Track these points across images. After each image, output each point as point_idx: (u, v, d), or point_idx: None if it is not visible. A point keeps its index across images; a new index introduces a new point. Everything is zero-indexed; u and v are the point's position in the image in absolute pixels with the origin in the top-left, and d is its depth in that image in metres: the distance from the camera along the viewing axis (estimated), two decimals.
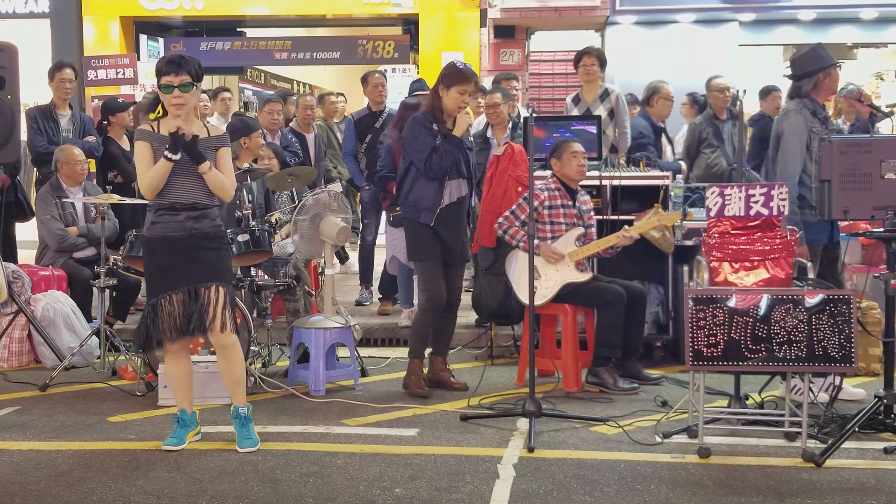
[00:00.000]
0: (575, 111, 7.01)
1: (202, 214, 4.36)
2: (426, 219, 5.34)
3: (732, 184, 4.70)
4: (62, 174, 6.85)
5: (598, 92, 7.03)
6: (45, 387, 5.57)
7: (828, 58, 5.25)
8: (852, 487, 3.88)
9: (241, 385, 4.47)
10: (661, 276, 6.29)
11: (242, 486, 3.89)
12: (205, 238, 4.34)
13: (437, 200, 5.33)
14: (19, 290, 6.23)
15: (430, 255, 5.41)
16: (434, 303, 5.41)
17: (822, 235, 5.25)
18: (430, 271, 5.42)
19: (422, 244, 5.42)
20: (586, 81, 7.06)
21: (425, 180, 5.33)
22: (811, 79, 5.24)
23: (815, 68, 5.22)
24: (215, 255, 4.39)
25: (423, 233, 5.38)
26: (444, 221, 5.36)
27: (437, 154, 5.24)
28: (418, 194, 5.36)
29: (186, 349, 4.50)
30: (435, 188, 5.33)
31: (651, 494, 3.80)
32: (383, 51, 12.77)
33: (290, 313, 6.22)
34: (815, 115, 5.22)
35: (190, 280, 4.31)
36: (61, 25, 12.45)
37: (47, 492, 3.85)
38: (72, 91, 7.65)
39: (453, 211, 5.40)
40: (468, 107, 5.59)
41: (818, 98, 5.27)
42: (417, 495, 3.79)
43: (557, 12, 11.92)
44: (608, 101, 7.02)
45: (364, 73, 7.86)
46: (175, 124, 4.23)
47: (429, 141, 5.27)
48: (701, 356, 4.18)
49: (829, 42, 12.09)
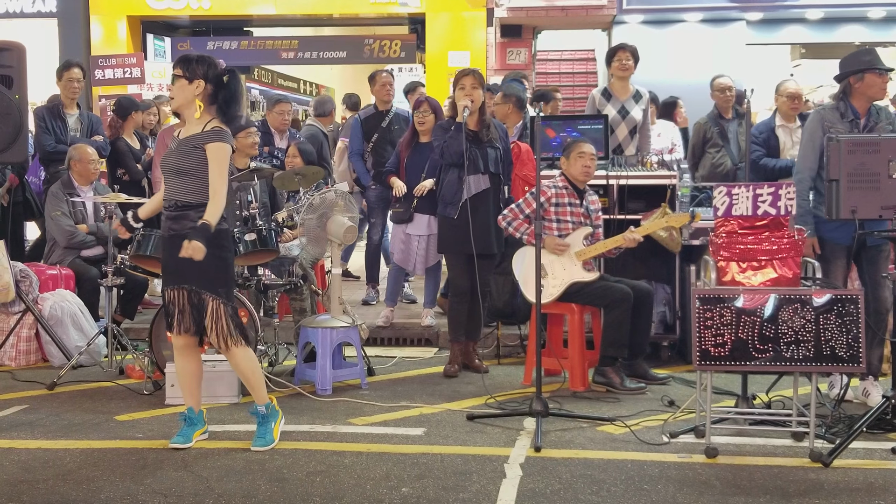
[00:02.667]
0: (608, 107, 6.74)
1: (181, 215, 4.34)
2: (450, 212, 5.79)
3: (740, 183, 4.69)
4: (74, 172, 6.87)
5: (631, 91, 6.81)
6: (52, 385, 5.58)
7: (865, 62, 5.09)
8: (860, 488, 3.87)
9: (252, 385, 4.50)
10: (668, 275, 6.28)
11: (249, 485, 3.90)
12: (183, 239, 4.22)
13: (458, 195, 5.74)
14: (27, 289, 6.25)
15: (454, 248, 5.85)
16: (456, 292, 5.91)
17: (841, 234, 5.05)
18: (453, 263, 5.93)
19: (447, 236, 5.89)
20: (619, 77, 6.79)
21: (449, 176, 5.80)
22: (845, 82, 5.17)
23: (846, 72, 5.14)
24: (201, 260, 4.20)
25: (448, 225, 5.84)
26: (466, 214, 5.69)
27: (447, 141, 5.70)
28: (444, 190, 5.86)
29: (193, 346, 4.50)
30: (456, 183, 5.75)
31: (658, 494, 3.79)
32: (390, 50, 12.78)
33: (297, 312, 6.22)
34: (843, 117, 5.12)
35: (182, 279, 4.34)
36: (69, 25, 12.47)
37: (55, 490, 3.86)
38: (80, 90, 7.68)
39: (476, 204, 5.75)
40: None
41: (854, 101, 5.13)
42: (424, 494, 3.80)
43: (564, 11, 11.90)
44: (642, 103, 6.82)
45: (371, 72, 7.85)
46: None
47: (444, 135, 5.78)
48: (708, 356, 4.17)
49: (837, 41, 12.12)
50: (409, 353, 6.58)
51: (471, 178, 5.73)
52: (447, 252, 5.96)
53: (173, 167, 4.36)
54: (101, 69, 10.27)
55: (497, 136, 5.90)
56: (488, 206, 5.82)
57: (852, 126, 5.10)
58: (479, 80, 5.79)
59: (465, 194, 5.71)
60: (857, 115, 5.13)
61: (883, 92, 5.18)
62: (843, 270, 5.16)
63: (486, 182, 5.80)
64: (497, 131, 5.93)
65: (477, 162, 5.75)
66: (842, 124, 5.10)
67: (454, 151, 5.66)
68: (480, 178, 5.77)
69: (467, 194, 5.72)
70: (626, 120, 6.71)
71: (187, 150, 4.34)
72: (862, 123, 5.12)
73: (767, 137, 6.85)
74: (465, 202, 5.71)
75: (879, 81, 5.08)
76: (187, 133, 4.39)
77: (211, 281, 4.34)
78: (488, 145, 5.81)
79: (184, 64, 4.33)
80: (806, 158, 5.20)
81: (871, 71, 5.06)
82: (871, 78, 5.07)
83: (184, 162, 4.33)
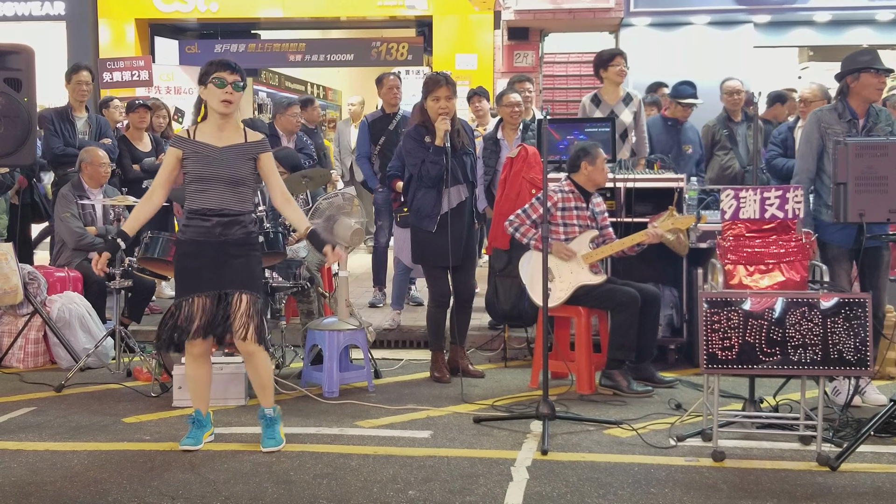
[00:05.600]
0: (598, 113, 6.79)
1: (232, 221, 4.37)
2: (428, 225, 5.67)
3: (747, 186, 4.68)
4: (85, 175, 6.90)
5: (620, 95, 6.85)
6: (60, 387, 5.60)
7: (862, 62, 5.09)
8: (867, 491, 3.86)
9: (266, 389, 4.50)
10: (676, 278, 6.28)
11: (256, 488, 3.91)
12: (234, 245, 4.35)
13: (437, 208, 5.64)
14: (35, 291, 6.27)
15: (433, 260, 5.73)
16: (438, 301, 5.81)
17: (843, 237, 5.07)
18: (433, 274, 5.79)
19: (425, 249, 5.76)
20: (617, 83, 6.83)
21: (425, 189, 5.66)
22: (843, 82, 5.17)
23: (843, 72, 5.15)
24: (244, 261, 4.38)
25: (426, 238, 5.72)
26: (445, 226, 5.62)
27: (426, 165, 5.58)
28: (420, 203, 5.70)
29: (208, 354, 4.50)
30: (434, 196, 5.64)
31: (665, 498, 3.79)
32: (397, 53, 12.79)
33: (304, 315, 6.23)
34: (840, 117, 5.13)
35: (217, 285, 4.33)
36: (77, 28, 12.52)
37: (62, 492, 3.87)
38: (88, 93, 7.70)
39: (454, 216, 5.67)
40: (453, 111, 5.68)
41: (851, 102, 5.14)
42: (431, 497, 3.80)
43: (571, 14, 11.91)
44: (632, 106, 6.86)
45: (379, 74, 7.86)
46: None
47: (420, 153, 5.62)
48: (715, 359, 4.16)
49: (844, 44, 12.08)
50: (415, 356, 6.58)
51: (451, 190, 5.66)
52: (424, 264, 5.84)
53: (227, 177, 4.32)
54: (110, 72, 10.32)
55: (468, 141, 5.85)
56: (465, 215, 5.77)
57: (850, 126, 5.10)
58: (454, 89, 5.63)
59: (447, 206, 5.64)
60: (856, 116, 5.13)
61: (878, 93, 5.19)
62: (847, 273, 5.14)
63: (466, 192, 5.77)
64: (466, 135, 5.86)
65: (456, 173, 5.67)
66: (839, 125, 5.10)
67: (434, 176, 5.58)
68: (461, 188, 5.73)
69: (448, 206, 5.64)
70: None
71: (240, 159, 4.34)
72: (861, 124, 5.12)
73: (785, 138, 7.00)
74: (446, 214, 5.63)
75: (875, 82, 5.07)
76: (227, 142, 4.36)
77: (247, 281, 4.39)
78: (463, 153, 5.74)
79: (239, 72, 4.35)
80: (804, 160, 5.21)
81: (867, 71, 5.06)
82: (866, 78, 5.07)
83: (238, 171, 4.34)
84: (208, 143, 4.35)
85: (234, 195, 4.35)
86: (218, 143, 4.35)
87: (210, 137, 4.37)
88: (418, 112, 5.82)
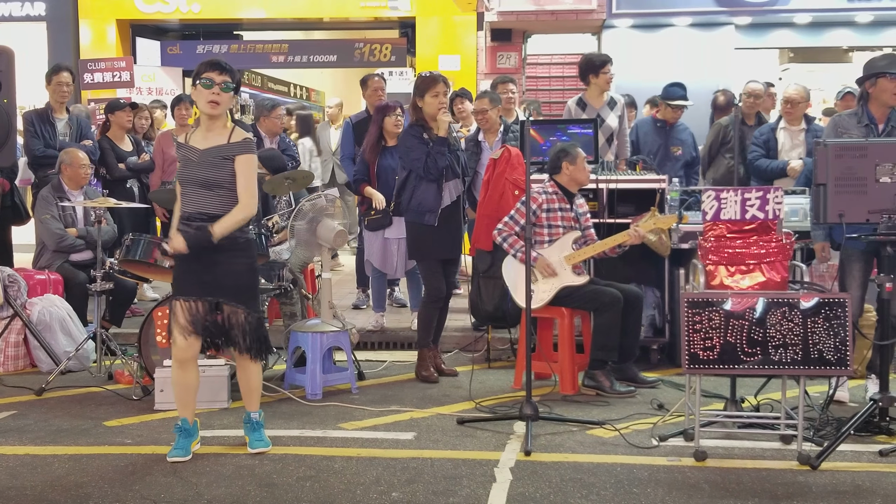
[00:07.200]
0: (584, 116, 6.80)
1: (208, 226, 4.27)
2: (430, 220, 5.74)
3: (728, 187, 4.71)
4: (65, 176, 6.86)
5: (605, 98, 6.89)
6: (41, 391, 5.56)
7: (879, 67, 5.06)
8: (848, 490, 3.89)
9: (255, 394, 4.50)
10: (658, 279, 6.30)
11: (239, 491, 3.89)
12: (218, 249, 4.23)
13: (437, 202, 5.74)
14: (15, 293, 6.22)
15: (432, 255, 5.84)
16: (434, 297, 5.87)
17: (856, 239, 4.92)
18: (430, 269, 5.87)
19: (424, 244, 5.83)
20: (605, 90, 6.89)
21: (426, 185, 5.73)
22: (862, 88, 5.17)
23: (862, 77, 5.15)
24: (232, 268, 4.27)
25: (426, 234, 5.77)
26: (444, 220, 5.76)
27: (431, 157, 5.66)
28: (420, 198, 5.76)
29: (195, 360, 4.40)
30: (435, 191, 5.73)
31: (647, 498, 3.80)
32: (380, 54, 12.79)
33: (287, 317, 6.22)
34: (859, 122, 5.12)
35: (209, 291, 4.27)
36: (58, 29, 12.45)
37: (43, 497, 3.84)
38: (69, 94, 7.65)
39: (452, 210, 5.81)
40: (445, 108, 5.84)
41: (871, 107, 5.12)
42: (414, 499, 3.80)
43: (554, 16, 11.95)
44: (617, 109, 6.90)
45: (362, 76, 7.85)
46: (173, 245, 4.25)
47: (423, 147, 5.69)
48: (697, 359, 4.19)
49: (824, 46, 12.20)
50: (399, 357, 6.59)
51: (450, 184, 5.80)
52: (424, 259, 5.90)
53: (200, 179, 4.24)
54: (91, 73, 10.25)
55: (455, 140, 5.98)
56: (459, 209, 5.93)
57: (868, 131, 5.07)
58: (448, 86, 5.86)
59: (448, 199, 5.78)
60: (874, 121, 5.10)
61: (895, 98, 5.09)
62: (860, 275, 5.10)
63: (461, 186, 5.90)
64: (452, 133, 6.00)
65: (454, 167, 5.82)
66: (857, 129, 5.09)
67: (440, 167, 5.68)
68: (457, 182, 5.86)
69: (449, 199, 5.78)
70: (601, 128, 6.74)
71: (216, 161, 4.24)
72: (880, 129, 5.10)
73: (767, 139, 7.04)
74: (446, 208, 5.77)
75: (892, 86, 5.03)
76: (210, 143, 4.27)
77: (244, 293, 4.33)
78: (456, 149, 5.91)
79: (230, 72, 4.27)
80: None
81: (884, 76, 5.04)
82: (883, 83, 5.04)
83: (213, 174, 4.23)
84: (193, 146, 4.30)
85: (212, 198, 4.26)
86: (201, 146, 4.29)
87: (197, 140, 4.32)
88: (412, 112, 5.87)
